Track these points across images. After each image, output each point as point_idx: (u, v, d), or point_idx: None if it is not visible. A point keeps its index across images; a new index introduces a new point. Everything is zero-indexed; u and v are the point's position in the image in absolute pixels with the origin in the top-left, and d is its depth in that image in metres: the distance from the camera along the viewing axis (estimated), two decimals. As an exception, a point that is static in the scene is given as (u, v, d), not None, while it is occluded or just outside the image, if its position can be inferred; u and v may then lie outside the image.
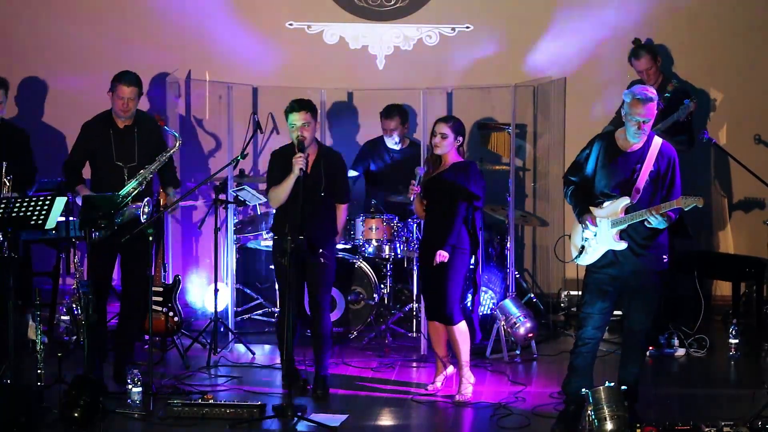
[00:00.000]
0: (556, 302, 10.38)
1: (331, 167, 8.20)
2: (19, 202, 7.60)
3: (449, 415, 7.82)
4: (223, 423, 7.48)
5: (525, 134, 10.58)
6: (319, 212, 8.12)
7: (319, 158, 8.16)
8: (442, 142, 8.03)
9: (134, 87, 8.32)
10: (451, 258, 7.93)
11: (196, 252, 10.67)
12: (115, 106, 8.31)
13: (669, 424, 7.17)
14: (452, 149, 8.05)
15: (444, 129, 8.03)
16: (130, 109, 8.31)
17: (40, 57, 10.60)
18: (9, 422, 7.19)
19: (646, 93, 7.18)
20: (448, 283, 7.95)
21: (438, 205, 8.03)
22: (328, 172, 8.17)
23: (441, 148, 8.04)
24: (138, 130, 8.36)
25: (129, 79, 8.31)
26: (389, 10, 10.66)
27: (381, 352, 9.24)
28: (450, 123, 8.07)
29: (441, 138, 8.03)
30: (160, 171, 8.37)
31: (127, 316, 8.47)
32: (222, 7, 10.62)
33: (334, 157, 8.30)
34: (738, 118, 10.49)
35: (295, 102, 8.05)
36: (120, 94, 8.28)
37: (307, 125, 8.00)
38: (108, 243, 8.14)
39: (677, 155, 7.31)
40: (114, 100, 8.32)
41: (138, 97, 8.36)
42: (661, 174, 7.23)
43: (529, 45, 10.54)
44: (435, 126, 8.09)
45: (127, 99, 8.28)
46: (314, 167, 8.11)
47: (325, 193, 8.13)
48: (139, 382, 7.83)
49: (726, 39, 10.45)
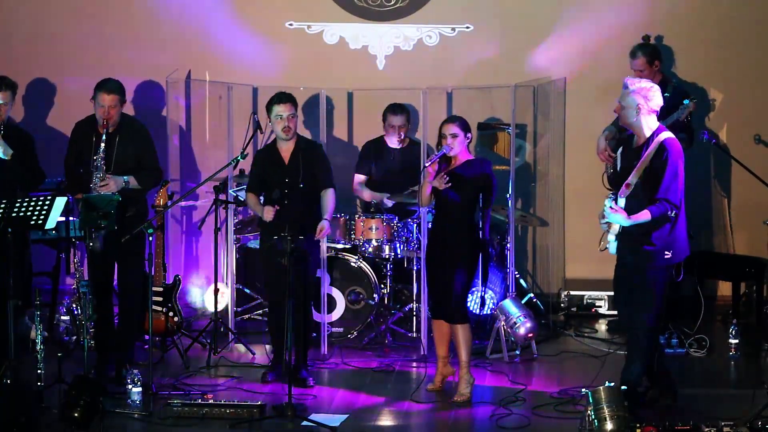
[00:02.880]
0: (556, 302, 10.38)
1: (310, 158, 8.38)
2: (19, 202, 7.60)
3: (449, 416, 7.82)
4: (223, 423, 7.49)
5: (525, 134, 10.58)
6: (305, 206, 8.30)
7: (297, 150, 8.38)
8: (455, 142, 7.99)
9: (115, 95, 8.26)
10: (469, 255, 7.93)
11: (196, 252, 10.67)
12: (97, 113, 8.28)
13: (669, 424, 7.16)
14: (464, 147, 8.05)
15: (453, 129, 8.01)
16: (112, 117, 8.26)
17: (42, 58, 10.60)
18: (9, 422, 7.19)
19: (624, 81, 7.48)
20: (462, 280, 7.94)
21: (453, 199, 7.98)
22: (307, 163, 8.35)
23: (455, 148, 8.00)
24: (120, 137, 8.33)
25: (109, 86, 8.26)
26: (389, 10, 10.66)
27: (381, 352, 9.24)
28: (457, 122, 8.06)
29: (452, 138, 7.99)
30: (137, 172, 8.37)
31: (123, 315, 8.48)
32: (222, 7, 10.62)
33: (312, 148, 8.50)
34: (738, 118, 10.49)
35: (282, 94, 8.36)
36: (101, 101, 8.23)
37: (293, 117, 8.32)
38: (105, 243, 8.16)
39: (678, 153, 7.32)
40: (95, 108, 8.29)
41: (120, 104, 8.31)
42: (654, 170, 7.25)
43: (530, 45, 10.54)
44: (442, 128, 8.05)
45: (108, 107, 8.23)
46: (293, 160, 8.34)
47: (305, 184, 8.31)
48: (139, 382, 7.84)
49: (726, 39, 10.45)
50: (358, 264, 9.59)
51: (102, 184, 8.19)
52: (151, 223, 8.04)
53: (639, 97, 7.45)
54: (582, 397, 7.26)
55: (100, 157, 8.21)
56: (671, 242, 7.42)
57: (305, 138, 8.78)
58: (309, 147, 8.51)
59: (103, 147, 8.20)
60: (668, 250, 7.39)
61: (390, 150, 9.99)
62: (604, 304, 10.36)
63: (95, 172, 8.22)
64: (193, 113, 10.65)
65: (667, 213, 7.34)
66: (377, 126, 10.04)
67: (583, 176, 10.19)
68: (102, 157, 8.21)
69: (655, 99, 7.49)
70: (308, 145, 8.54)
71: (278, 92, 8.43)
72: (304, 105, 10.44)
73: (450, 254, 7.99)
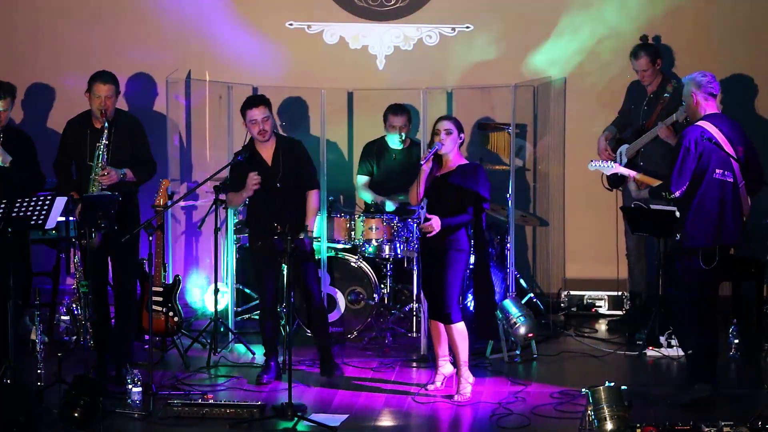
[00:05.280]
0: (556, 302, 10.38)
1: (291, 156, 8.37)
2: (18, 202, 7.60)
3: (449, 415, 7.82)
4: (223, 423, 7.49)
5: (525, 134, 10.57)
6: (290, 204, 8.33)
7: (278, 149, 8.38)
8: (447, 138, 7.98)
9: (111, 85, 8.30)
10: (450, 258, 7.93)
11: (196, 252, 10.67)
12: (93, 105, 8.30)
13: (669, 424, 7.17)
14: (455, 147, 8.03)
15: (448, 125, 8.01)
16: (108, 107, 8.29)
17: (41, 59, 10.59)
18: (9, 422, 7.19)
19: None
20: (446, 283, 7.95)
21: (443, 204, 8.01)
22: (288, 162, 8.33)
23: (447, 144, 7.99)
24: (114, 131, 8.34)
25: (105, 77, 8.30)
26: (389, 10, 10.65)
27: (381, 352, 9.24)
28: (452, 120, 8.07)
29: (446, 134, 7.98)
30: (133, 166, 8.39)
31: (120, 314, 8.49)
32: (222, 7, 10.61)
33: (292, 146, 8.49)
34: (738, 118, 10.45)
35: (253, 98, 8.45)
36: (97, 92, 8.26)
37: (268, 119, 8.33)
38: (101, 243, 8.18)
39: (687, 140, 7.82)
40: (91, 99, 8.30)
41: (115, 95, 8.35)
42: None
43: (530, 45, 10.53)
44: (437, 124, 8.05)
45: (105, 97, 8.26)
46: (274, 159, 8.35)
47: (283, 183, 8.33)
48: (139, 382, 7.84)
49: (726, 39, 10.44)
50: (358, 264, 9.60)
51: (103, 173, 8.19)
52: (151, 222, 8.05)
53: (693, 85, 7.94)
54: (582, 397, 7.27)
55: (102, 145, 8.21)
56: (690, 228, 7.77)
57: (284, 136, 8.79)
58: (290, 146, 8.50)
59: (105, 135, 8.22)
60: (678, 233, 7.80)
61: (391, 150, 9.99)
62: (604, 304, 10.36)
63: (95, 161, 8.22)
64: (193, 113, 10.65)
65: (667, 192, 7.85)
66: (377, 126, 10.04)
67: (583, 176, 10.16)
68: (105, 144, 8.22)
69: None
70: (289, 144, 8.53)
71: (249, 96, 8.50)
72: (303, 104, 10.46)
73: (436, 255, 8.00)
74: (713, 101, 7.97)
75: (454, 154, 8.04)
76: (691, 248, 7.80)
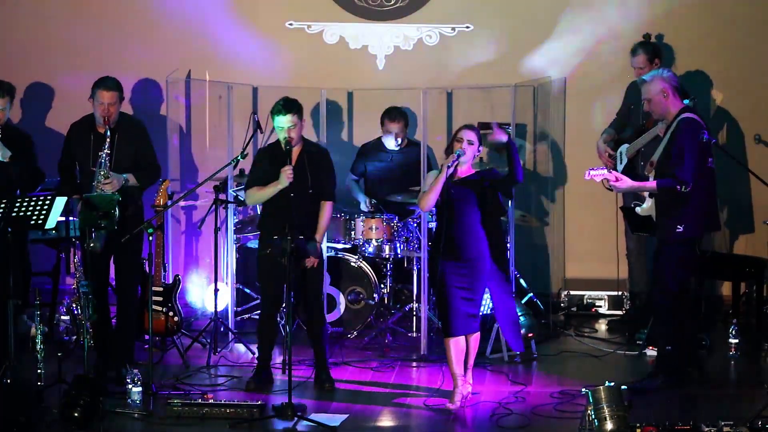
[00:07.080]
0: (556, 302, 10.38)
1: (316, 164, 8.26)
2: (18, 202, 7.60)
3: (449, 415, 7.81)
4: (223, 423, 7.48)
5: (525, 134, 10.58)
6: (307, 209, 8.18)
7: (303, 155, 8.24)
8: (469, 148, 7.80)
9: (114, 92, 8.27)
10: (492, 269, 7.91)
11: (196, 252, 10.67)
12: (96, 112, 8.28)
13: (669, 424, 7.16)
14: (472, 158, 7.86)
15: (471, 136, 7.83)
16: (111, 114, 8.27)
17: (41, 59, 10.60)
18: (9, 422, 7.19)
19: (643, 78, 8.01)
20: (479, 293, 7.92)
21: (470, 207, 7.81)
22: (313, 170, 8.23)
23: (468, 154, 7.79)
24: (119, 135, 8.33)
25: (108, 84, 8.27)
26: (389, 10, 10.66)
27: (381, 352, 9.24)
28: (475, 131, 7.87)
29: (468, 144, 7.80)
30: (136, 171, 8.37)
31: (121, 314, 8.48)
32: (222, 7, 10.62)
33: (319, 154, 8.36)
34: (738, 118, 10.49)
35: (282, 104, 8.11)
36: (100, 99, 8.24)
37: (294, 127, 8.10)
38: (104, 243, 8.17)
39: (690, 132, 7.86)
40: (95, 106, 8.28)
41: (119, 101, 8.32)
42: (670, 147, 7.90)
43: (530, 45, 10.54)
44: (460, 132, 7.84)
45: (108, 104, 8.24)
46: (299, 164, 8.17)
47: (312, 189, 8.19)
48: (139, 382, 7.84)
49: (726, 39, 10.45)
50: (358, 264, 9.60)
51: (106, 182, 8.18)
52: (151, 222, 8.04)
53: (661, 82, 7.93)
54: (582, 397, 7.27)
55: (105, 153, 8.21)
56: (682, 216, 7.74)
57: (312, 142, 8.62)
58: (317, 152, 8.36)
59: (108, 143, 8.21)
60: (681, 224, 7.77)
61: (388, 151, 9.99)
62: (604, 303, 10.36)
63: (98, 169, 8.22)
64: (193, 113, 10.65)
65: (675, 187, 7.69)
66: (377, 126, 10.04)
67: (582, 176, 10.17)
68: (107, 153, 8.21)
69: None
70: (316, 150, 8.39)
71: (281, 100, 8.16)
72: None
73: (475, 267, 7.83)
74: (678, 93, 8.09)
75: (468, 164, 7.93)
76: (693, 239, 7.88)
